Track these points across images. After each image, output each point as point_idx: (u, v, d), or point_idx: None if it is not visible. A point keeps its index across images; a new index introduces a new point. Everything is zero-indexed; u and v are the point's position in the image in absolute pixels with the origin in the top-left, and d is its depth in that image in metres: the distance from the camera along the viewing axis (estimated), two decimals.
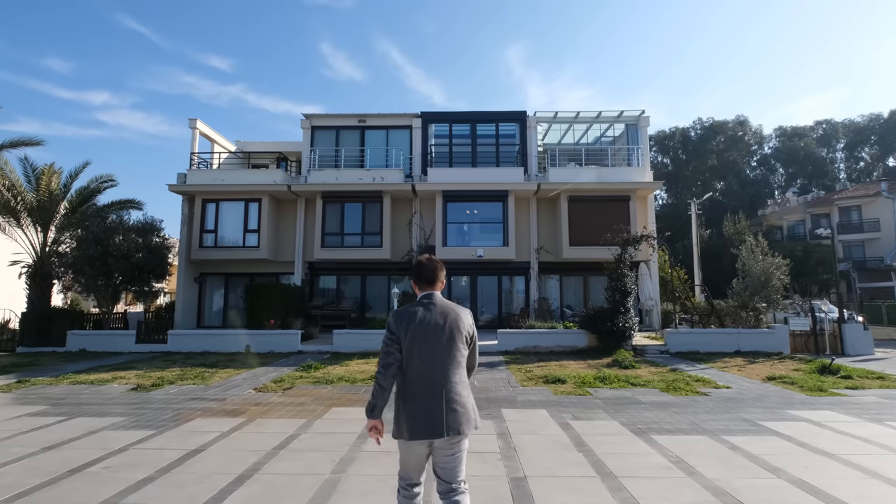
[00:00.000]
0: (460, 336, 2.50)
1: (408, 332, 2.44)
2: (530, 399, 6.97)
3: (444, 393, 2.40)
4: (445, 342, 2.46)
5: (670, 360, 11.18)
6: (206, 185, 16.97)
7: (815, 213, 38.37)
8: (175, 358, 11.42)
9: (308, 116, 18.26)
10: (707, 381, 8.28)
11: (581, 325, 12.64)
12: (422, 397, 2.40)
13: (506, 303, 17.70)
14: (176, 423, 5.60)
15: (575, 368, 9.75)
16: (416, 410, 2.39)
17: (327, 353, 12.21)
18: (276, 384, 8.01)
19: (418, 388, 2.42)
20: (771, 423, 5.59)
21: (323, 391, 7.50)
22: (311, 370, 9.34)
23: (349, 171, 17.22)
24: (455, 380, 2.45)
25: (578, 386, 7.89)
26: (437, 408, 2.37)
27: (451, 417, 2.37)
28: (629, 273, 12.41)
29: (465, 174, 17.07)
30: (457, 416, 2.39)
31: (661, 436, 5.10)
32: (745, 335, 12.33)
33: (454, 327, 2.50)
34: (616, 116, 18.02)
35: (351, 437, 5.01)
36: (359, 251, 16.78)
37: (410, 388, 2.44)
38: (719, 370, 9.70)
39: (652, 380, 8.40)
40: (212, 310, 18.39)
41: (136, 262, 13.35)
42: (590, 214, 16.44)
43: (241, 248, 16.91)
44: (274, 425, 5.53)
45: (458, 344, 2.49)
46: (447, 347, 2.46)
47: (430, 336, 2.45)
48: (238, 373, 9.37)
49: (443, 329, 2.48)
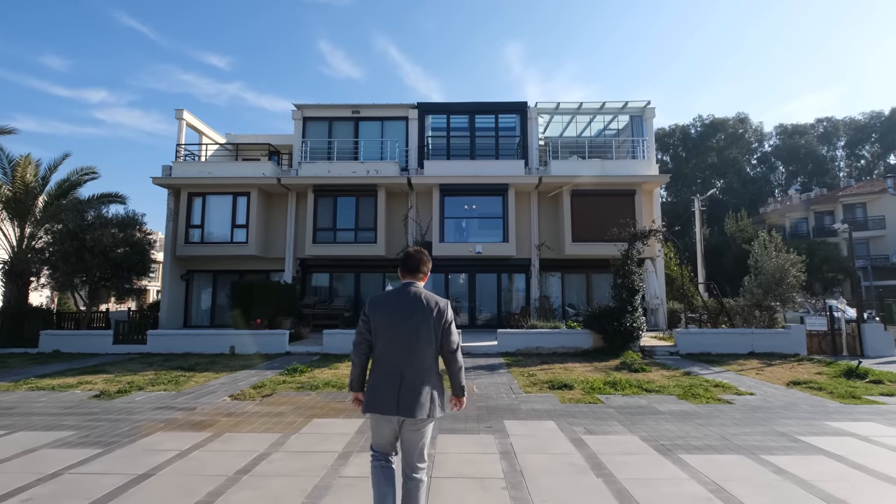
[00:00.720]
0: (427, 323, 2.60)
1: (376, 315, 2.63)
2: (536, 408, 6.25)
3: (401, 374, 2.55)
4: (412, 327, 2.59)
5: (681, 362, 10.49)
6: (192, 177, 16.20)
7: (818, 211, 37.77)
8: (153, 360, 10.67)
9: (299, 107, 17.50)
10: (727, 387, 7.59)
11: (586, 324, 11.94)
12: (382, 376, 2.58)
13: (505, 301, 16.99)
14: (130, 439, 4.87)
15: (581, 372, 9.04)
16: (376, 387, 2.58)
17: (317, 355, 11.48)
18: (256, 390, 7.29)
19: (382, 367, 2.60)
20: (812, 439, 4.90)
21: (305, 399, 6.77)
22: (295, 374, 8.61)
23: (342, 164, 16.46)
24: (416, 364, 2.58)
25: (587, 392, 7.18)
26: (393, 387, 2.53)
27: (404, 399, 2.50)
28: (637, 270, 11.71)
29: (464, 167, 16.33)
30: (411, 398, 2.51)
31: (690, 455, 4.40)
32: (760, 335, 11.64)
33: (423, 314, 2.61)
34: (620, 108, 17.30)
35: (329, 458, 4.29)
36: (352, 247, 16.04)
37: (375, 367, 2.64)
38: (736, 373, 9.02)
39: (667, 385, 7.71)
40: (199, 309, 17.64)
41: (114, 258, 12.57)
42: (593, 209, 15.75)
43: (229, 243, 16.15)
44: (242, 442, 4.80)
45: (424, 330, 2.60)
46: (413, 332, 2.59)
47: (396, 321, 2.61)
48: (217, 377, 8.63)
49: (410, 314, 2.61)
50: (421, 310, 2.62)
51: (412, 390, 2.53)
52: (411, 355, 2.58)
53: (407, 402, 2.50)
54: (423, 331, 2.59)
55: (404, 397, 2.51)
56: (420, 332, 2.59)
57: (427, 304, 2.64)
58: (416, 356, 2.58)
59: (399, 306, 2.64)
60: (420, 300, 2.65)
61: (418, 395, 2.53)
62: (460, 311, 16.88)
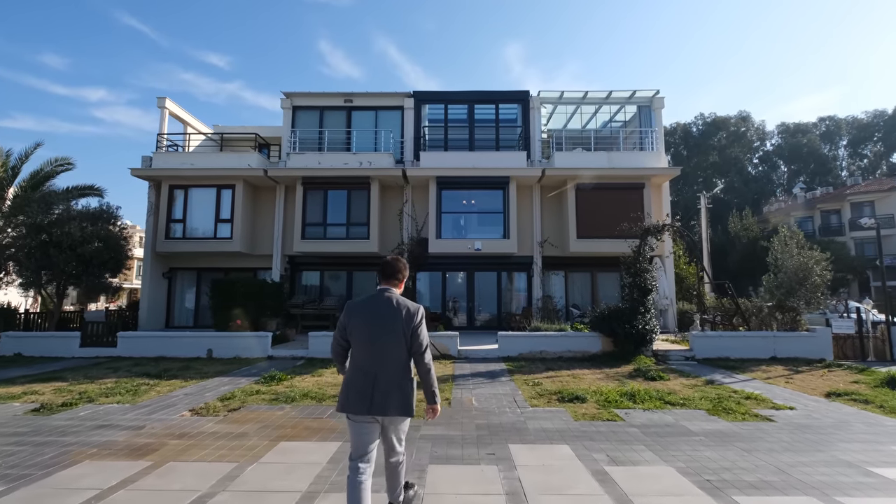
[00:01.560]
0: (397, 325, 2.74)
1: (352, 320, 2.80)
2: (546, 427, 5.33)
3: (375, 376, 2.71)
4: (383, 331, 2.74)
5: (700, 368, 9.58)
6: (173, 169, 15.20)
7: (824, 210, 36.95)
8: (120, 365, 9.71)
9: (289, 95, 16.53)
10: (760, 399, 6.67)
11: (594, 326, 11.02)
12: (356, 378, 2.74)
13: (506, 302, 16.05)
14: (46, 472, 3.92)
15: (592, 380, 8.12)
16: (351, 389, 2.73)
17: (301, 359, 10.54)
18: (223, 403, 6.35)
19: (356, 369, 2.77)
20: (890, 472, 3.98)
21: (277, 414, 5.83)
22: (272, 382, 7.67)
23: (333, 155, 15.50)
24: (389, 365, 2.73)
25: (603, 406, 6.26)
26: (367, 388, 2.69)
27: (377, 399, 2.67)
28: (650, 267, 10.80)
29: (462, 158, 15.38)
30: (383, 399, 2.68)
31: (747, 497, 3.48)
32: (782, 339, 10.73)
33: (393, 317, 2.75)
34: (627, 97, 16.38)
35: (291, 499, 3.36)
36: (343, 243, 15.07)
37: (350, 369, 2.81)
38: (764, 382, 8.11)
39: (691, 397, 6.79)
40: (183, 309, 16.67)
41: (83, 254, 11.59)
42: (599, 204, 14.83)
43: (213, 239, 15.16)
44: (185, 475, 3.86)
45: (395, 333, 2.73)
46: (384, 336, 2.73)
47: (370, 325, 2.76)
48: (185, 385, 7.69)
49: (382, 318, 2.76)
50: (392, 314, 2.75)
51: (384, 391, 2.67)
52: (383, 357, 2.72)
53: (378, 402, 2.65)
54: (393, 334, 2.73)
55: (377, 398, 2.66)
56: (391, 334, 2.73)
57: (398, 307, 2.77)
58: (388, 358, 2.72)
59: (373, 311, 2.79)
60: (391, 304, 2.79)
61: (389, 396, 2.67)
62: (458, 312, 15.96)
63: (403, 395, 2.70)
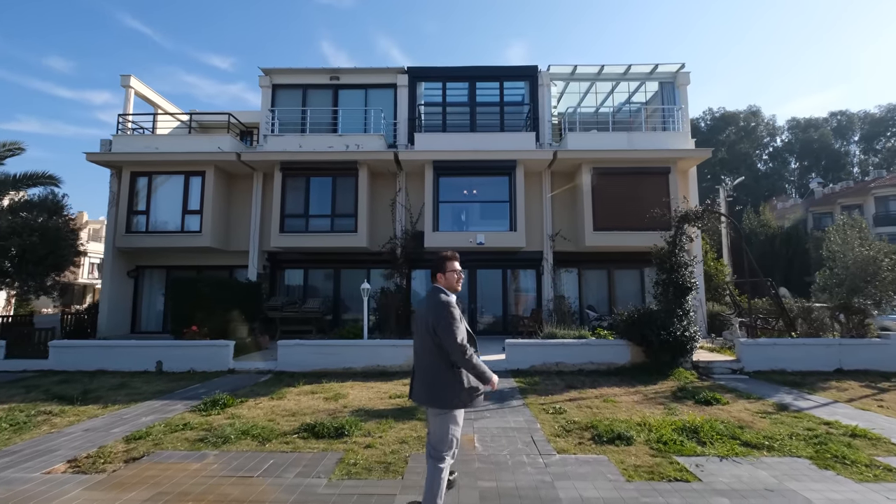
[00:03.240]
0: (427, 327, 2.98)
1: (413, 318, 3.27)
2: (586, 498, 3.50)
3: (416, 370, 3.11)
4: (421, 330, 3.05)
5: (755, 385, 7.73)
6: (135, 153, 13.42)
7: (845, 205, 35.04)
8: (43, 382, 7.91)
9: (268, 72, 14.73)
10: (873, 438, 4.83)
11: (621, 333, 9.20)
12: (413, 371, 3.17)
13: (512, 303, 14.22)
14: None
15: (629, 404, 6.29)
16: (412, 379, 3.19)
17: (268, 374, 8.73)
18: (126, 446, 4.54)
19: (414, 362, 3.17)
20: None
21: (190, 469, 4.01)
22: (212, 410, 5.86)
23: (316, 137, 13.69)
24: (427, 361, 3.02)
25: (658, 451, 4.43)
26: (414, 380, 3.12)
27: (417, 389, 3.07)
28: (689, 261, 8.97)
29: (462, 140, 13.55)
30: (422, 390, 3.02)
31: None
32: (849, 347, 8.88)
33: (425, 319, 3.01)
34: (648, 73, 14.53)
35: None
36: (328, 237, 13.25)
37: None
38: (850, 406, 6.27)
39: (775, 434, 4.94)
40: (152, 312, 14.89)
41: (7, 249, 9.80)
42: (619, 192, 13.00)
43: (179, 233, 13.37)
44: None
45: (426, 333, 2.99)
46: (422, 335, 3.05)
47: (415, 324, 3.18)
48: (98, 414, 5.88)
49: (418, 312, 3.20)
50: (423, 307, 3.10)
51: (423, 383, 3.01)
52: (423, 354, 3.03)
53: (419, 393, 3.05)
54: (427, 334, 2.98)
55: (416, 388, 3.08)
56: (427, 334, 2.98)
57: (427, 300, 3.10)
58: (428, 355, 2.99)
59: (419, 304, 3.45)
60: (426, 298, 3.13)
61: (423, 387, 3.00)
62: None
63: (432, 384, 2.93)
